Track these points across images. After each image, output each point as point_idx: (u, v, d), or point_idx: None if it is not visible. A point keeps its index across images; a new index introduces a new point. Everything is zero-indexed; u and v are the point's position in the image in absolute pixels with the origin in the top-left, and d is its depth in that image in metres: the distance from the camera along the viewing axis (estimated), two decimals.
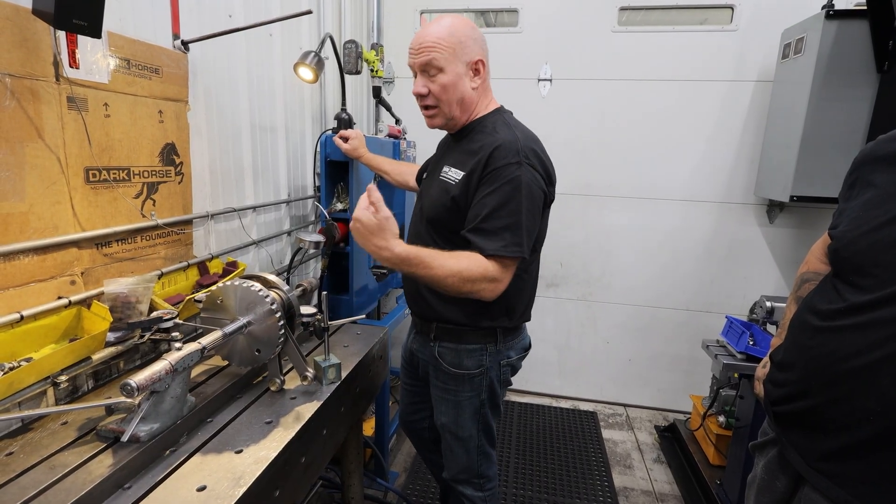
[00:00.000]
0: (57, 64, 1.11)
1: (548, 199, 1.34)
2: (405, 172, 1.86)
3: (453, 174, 1.33)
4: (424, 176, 1.54)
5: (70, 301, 1.16)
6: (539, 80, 2.94)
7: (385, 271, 2.48)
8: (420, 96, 1.35)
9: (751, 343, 2.01)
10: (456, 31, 1.28)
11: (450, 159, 1.39)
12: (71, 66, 1.13)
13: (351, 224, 1.21)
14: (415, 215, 1.51)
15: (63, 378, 1.13)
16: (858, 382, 0.91)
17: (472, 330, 1.39)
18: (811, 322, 1.03)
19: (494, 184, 1.23)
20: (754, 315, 2.21)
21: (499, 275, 1.23)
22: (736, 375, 2.15)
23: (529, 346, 1.55)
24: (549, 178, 1.33)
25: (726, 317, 2.22)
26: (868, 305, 0.92)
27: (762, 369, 1.28)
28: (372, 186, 1.21)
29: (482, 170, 1.25)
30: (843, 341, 0.94)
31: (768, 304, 2.10)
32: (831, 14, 2.13)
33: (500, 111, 1.42)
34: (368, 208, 1.18)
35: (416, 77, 1.35)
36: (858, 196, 1.02)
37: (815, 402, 0.99)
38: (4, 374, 0.97)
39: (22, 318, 1.05)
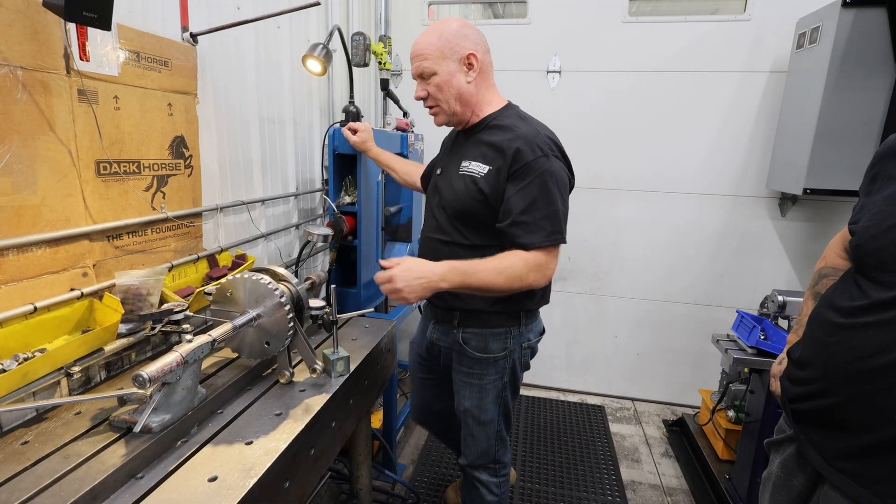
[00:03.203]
0: (67, 56, 1.11)
1: (571, 185, 1.43)
2: (412, 172, 1.86)
3: (476, 167, 1.37)
4: (438, 172, 1.55)
5: (82, 293, 1.17)
6: (548, 71, 2.91)
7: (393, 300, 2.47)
8: (421, 100, 1.44)
9: (762, 338, 1.99)
10: (443, 33, 1.35)
11: (468, 154, 1.42)
12: (81, 59, 1.13)
13: (391, 291, 1.23)
14: (431, 212, 1.54)
15: (76, 369, 1.14)
16: (881, 381, 0.89)
17: (497, 314, 1.44)
18: (832, 319, 1.01)
19: (527, 178, 1.29)
20: (765, 309, 2.18)
21: (544, 262, 1.29)
22: (746, 370, 2.13)
23: (544, 330, 1.62)
24: (569, 167, 1.42)
25: (737, 311, 2.20)
26: (891, 302, 0.89)
27: (778, 366, 1.26)
28: (382, 262, 1.28)
29: (511, 165, 1.30)
30: (866, 339, 0.92)
31: (780, 298, 2.08)
32: (848, 2, 2.08)
33: (511, 106, 1.47)
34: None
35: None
36: (880, 190, 1.00)
37: (836, 400, 0.97)
38: (19, 364, 0.98)
39: (35, 309, 1.06)
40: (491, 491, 1.63)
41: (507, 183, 1.32)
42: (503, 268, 1.26)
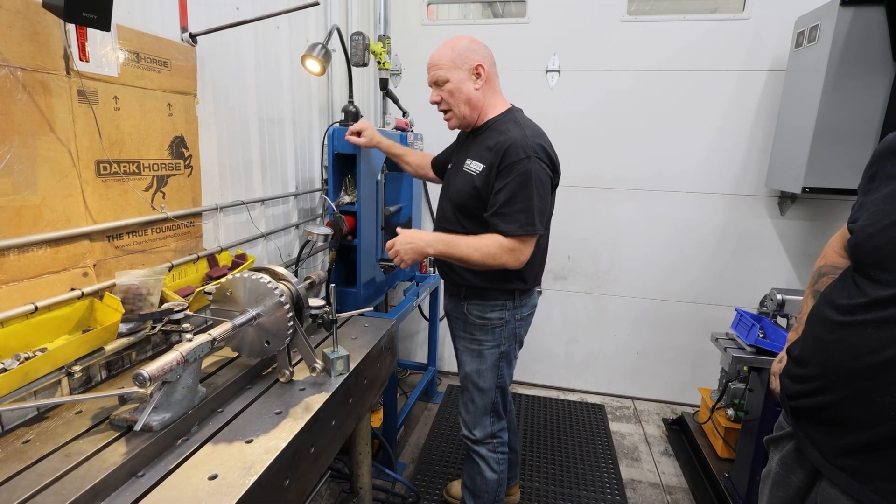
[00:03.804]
0: (67, 57, 1.12)
1: (553, 183, 1.61)
2: (425, 165, 1.99)
3: (475, 166, 1.58)
4: (450, 167, 1.74)
5: (83, 293, 1.18)
6: (547, 71, 2.91)
7: (392, 264, 2.48)
8: (436, 104, 1.65)
9: (761, 336, 2.00)
10: (455, 47, 1.57)
11: (470, 153, 1.62)
12: (81, 60, 1.13)
13: (394, 254, 1.55)
14: (442, 200, 1.76)
15: (77, 368, 1.15)
16: (880, 378, 0.89)
17: (495, 290, 1.66)
18: (831, 317, 1.02)
19: (509, 176, 1.48)
20: (764, 308, 2.19)
21: (517, 248, 1.50)
22: (745, 368, 2.13)
23: (535, 305, 1.82)
24: (553, 167, 1.58)
25: (736, 310, 2.20)
26: (890, 300, 0.90)
27: (778, 364, 1.27)
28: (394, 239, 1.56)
29: (499, 164, 1.50)
30: (865, 336, 0.93)
31: (779, 296, 2.08)
32: (847, 1, 2.08)
33: (512, 111, 1.65)
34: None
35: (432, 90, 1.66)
36: (879, 189, 1.00)
37: (835, 397, 0.97)
38: (20, 363, 0.99)
39: (36, 309, 1.07)
40: (490, 467, 1.77)
41: (495, 180, 1.52)
42: (480, 245, 1.49)
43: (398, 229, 1.58)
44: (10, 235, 1.03)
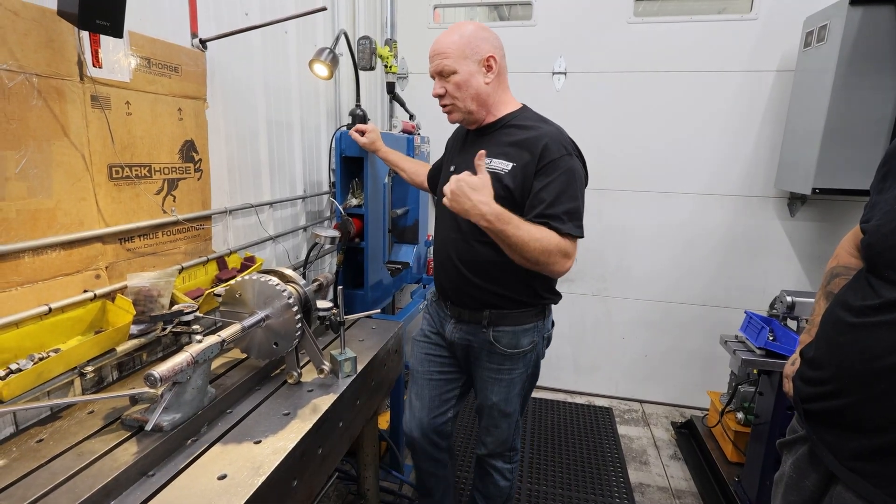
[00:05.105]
0: (81, 64, 1.14)
1: (586, 183, 1.47)
2: (420, 172, 1.91)
3: (499, 164, 1.40)
4: (452, 170, 1.53)
5: (95, 294, 1.19)
6: (553, 73, 2.92)
7: (399, 266, 2.49)
8: (438, 97, 1.47)
9: (771, 339, 1.98)
10: (464, 34, 1.40)
11: (488, 152, 1.40)
12: (94, 66, 1.16)
13: (449, 186, 1.27)
14: (445, 211, 1.46)
15: (89, 369, 1.17)
16: (895, 380, 0.88)
17: (526, 311, 1.51)
18: (844, 318, 1.00)
19: (554, 173, 1.34)
20: (774, 310, 2.17)
21: (570, 251, 1.33)
22: (755, 371, 2.11)
23: (554, 322, 1.69)
24: (585, 165, 1.46)
25: (745, 312, 2.18)
26: None
27: (791, 366, 1.25)
28: (482, 153, 1.28)
29: (538, 161, 1.35)
30: (879, 338, 0.91)
31: (789, 298, 2.06)
32: (855, 0, 2.07)
33: (527, 108, 1.52)
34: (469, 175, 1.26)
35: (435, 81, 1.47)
36: (892, 188, 0.99)
37: (850, 400, 0.96)
38: (34, 364, 1.01)
39: (50, 310, 1.08)
40: (504, 476, 1.73)
41: (535, 178, 1.36)
42: (541, 237, 1.28)
43: (479, 168, 1.27)
44: (25, 238, 1.05)
